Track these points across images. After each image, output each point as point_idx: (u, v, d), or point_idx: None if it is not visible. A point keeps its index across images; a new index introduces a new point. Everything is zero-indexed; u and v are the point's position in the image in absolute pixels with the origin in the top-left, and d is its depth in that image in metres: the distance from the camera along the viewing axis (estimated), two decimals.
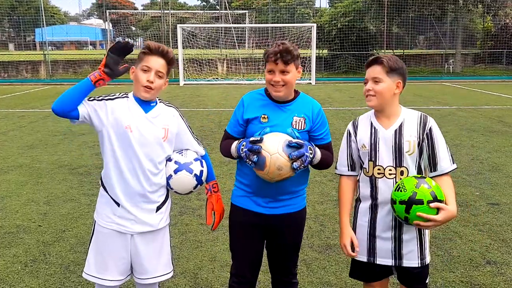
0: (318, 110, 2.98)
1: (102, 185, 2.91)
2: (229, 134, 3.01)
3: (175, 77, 26.09)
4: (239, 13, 41.29)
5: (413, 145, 2.71)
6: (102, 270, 2.88)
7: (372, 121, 2.83)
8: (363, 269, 2.92)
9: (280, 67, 2.80)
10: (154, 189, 2.89)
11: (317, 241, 5.00)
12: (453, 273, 4.28)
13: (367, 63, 2.81)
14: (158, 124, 2.88)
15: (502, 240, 4.99)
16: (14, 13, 39.19)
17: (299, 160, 2.65)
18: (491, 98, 17.52)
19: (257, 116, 2.89)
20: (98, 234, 2.91)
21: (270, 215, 2.95)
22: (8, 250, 4.84)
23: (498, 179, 7.08)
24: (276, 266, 3.14)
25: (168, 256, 3.07)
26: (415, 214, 2.52)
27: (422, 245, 2.79)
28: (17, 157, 8.72)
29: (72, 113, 2.75)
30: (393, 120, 2.78)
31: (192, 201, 6.20)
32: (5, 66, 28.74)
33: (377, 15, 29.63)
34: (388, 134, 2.75)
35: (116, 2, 65.69)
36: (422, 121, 2.76)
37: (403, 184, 2.58)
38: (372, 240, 2.81)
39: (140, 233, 2.89)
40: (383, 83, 2.73)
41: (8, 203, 6.24)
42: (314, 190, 6.65)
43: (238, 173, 3.06)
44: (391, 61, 2.74)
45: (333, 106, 15.48)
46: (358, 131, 2.87)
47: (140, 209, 2.86)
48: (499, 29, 30.66)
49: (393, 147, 2.72)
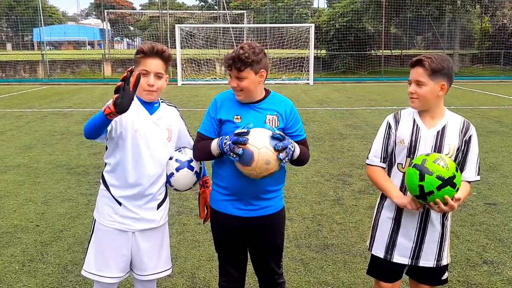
0: (290, 107, 2.97)
1: (104, 184, 2.92)
2: (203, 135, 2.95)
3: (173, 77, 26.08)
4: (237, 13, 41.27)
5: (453, 149, 2.72)
6: (103, 267, 2.90)
7: (415, 118, 2.80)
8: (380, 267, 2.93)
9: (234, 73, 2.80)
10: (157, 188, 2.93)
11: (315, 241, 5.01)
12: (450, 273, 4.29)
13: (411, 63, 2.75)
14: (162, 126, 2.92)
15: (499, 240, 5.00)
16: (12, 12, 39.14)
17: (284, 152, 2.65)
18: (488, 98, 17.56)
19: (231, 117, 2.89)
20: (98, 232, 2.93)
21: (249, 218, 2.95)
22: (6, 250, 4.84)
23: (495, 179, 7.09)
24: (260, 267, 3.14)
25: (167, 252, 3.12)
26: (443, 194, 2.47)
27: (441, 247, 2.82)
28: (15, 157, 8.71)
29: (101, 135, 2.74)
30: (436, 121, 2.76)
31: (189, 201, 6.20)
32: (3, 66, 28.68)
33: (375, 16, 29.64)
34: (430, 134, 2.74)
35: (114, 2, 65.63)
36: (465, 127, 2.76)
37: (446, 162, 2.50)
38: (393, 236, 2.82)
39: (142, 231, 2.92)
40: (426, 86, 2.68)
41: (5, 203, 6.24)
42: (311, 190, 6.66)
43: (214, 176, 3.04)
44: (434, 63, 2.66)
45: (331, 106, 15.50)
46: (399, 125, 2.83)
47: (142, 208, 2.89)
48: (497, 30, 30.69)
49: (433, 147, 2.72)
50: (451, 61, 2.74)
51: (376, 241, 2.91)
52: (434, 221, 2.79)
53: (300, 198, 6.32)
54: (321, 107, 15.25)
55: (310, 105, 15.79)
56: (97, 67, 29.28)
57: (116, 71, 29.41)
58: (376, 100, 16.98)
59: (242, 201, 2.93)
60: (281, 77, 26.02)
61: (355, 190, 6.68)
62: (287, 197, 6.36)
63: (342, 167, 7.88)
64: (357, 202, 6.19)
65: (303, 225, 5.42)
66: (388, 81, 25.39)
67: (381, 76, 26.88)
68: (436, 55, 2.71)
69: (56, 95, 19.66)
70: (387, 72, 27.84)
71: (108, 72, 28.76)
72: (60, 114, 14.03)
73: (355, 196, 6.45)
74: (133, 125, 2.81)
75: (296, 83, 24.53)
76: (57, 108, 15.36)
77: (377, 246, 2.90)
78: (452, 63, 2.74)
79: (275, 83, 24.27)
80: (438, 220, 2.80)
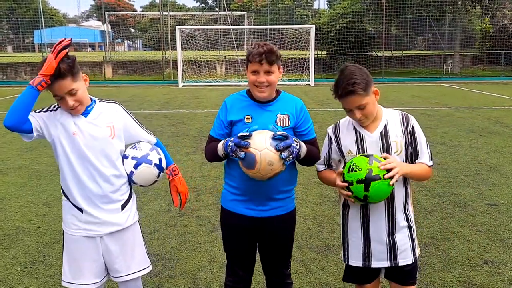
0: (300, 106, 2.99)
1: (63, 193, 2.90)
2: (214, 138, 2.98)
3: (174, 79, 26.14)
4: (238, 14, 41.34)
5: (400, 145, 2.72)
6: (77, 275, 2.89)
7: (356, 126, 2.80)
8: (357, 273, 2.91)
9: (265, 67, 2.81)
10: (115, 188, 2.88)
11: (316, 242, 5.02)
12: (451, 273, 4.30)
13: (339, 95, 2.67)
14: (101, 124, 2.85)
15: (499, 240, 5.01)
16: (12, 15, 39.19)
17: (287, 151, 2.65)
18: (489, 99, 17.55)
19: (241, 117, 2.90)
20: (68, 241, 2.91)
21: (260, 218, 2.96)
22: (8, 252, 4.85)
23: (496, 180, 7.10)
24: (269, 267, 3.16)
25: (142, 251, 3.08)
26: (374, 190, 2.52)
27: (412, 240, 2.81)
28: (16, 159, 8.73)
29: (24, 125, 2.70)
30: (376, 123, 2.76)
31: (190, 202, 6.21)
32: (4, 68, 28.75)
33: (376, 17, 29.69)
34: (374, 138, 2.73)
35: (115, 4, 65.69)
36: (404, 120, 2.76)
37: (355, 164, 2.57)
38: (367, 244, 2.79)
39: (109, 234, 2.90)
40: (368, 105, 2.66)
41: (7, 205, 6.25)
42: (312, 191, 6.66)
43: (226, 176, 3.07)
44: (361, 84, 2.60)
45: (332, 107, 15.50)
46: (341, 138, 2.84)
47: (104, 211, 2.86)
48: (497, 30, 30.71)
49: (381, 149, 2.71)
50: (364, 68, 2.71)
51: (351, 252, 2.86)
52: (399, 217, 2.76)
53: (301, 199, 6.33)
54: (322, 108, 15.26)
55: (311, 106, 15.80)
56: (98, 69, 29.32)
57: (117, 73, 29.48)
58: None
59: (254, 202, 2.94)
60: (282, 78, 26.01)
61: None
62: None
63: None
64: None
65: (304, 226, 5.43)
66: (388, 82, 25.39)
67: (382, 77, 26.88)
68: (352, 73, 2.63)
69: None
70: (387, 73, 27.86)
71: (109, 74, 28.79)
72: None
73: None
74: (70, 128, 2.76)
75: (296, 84, 24.54)
76: None
77: (353, 256, 2.86)
78: (365, 69, 2.71)
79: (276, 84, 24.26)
80: (401, 214, 2.77)
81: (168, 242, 5.03)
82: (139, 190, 6.60)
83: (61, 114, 2.80)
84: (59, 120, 2.78)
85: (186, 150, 9.15)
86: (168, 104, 16.98)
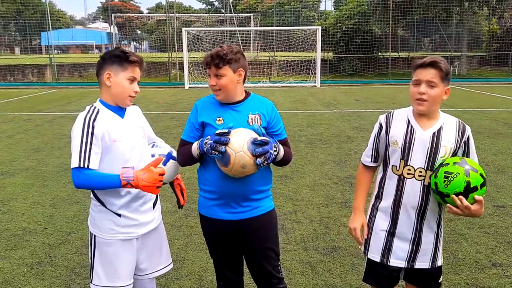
0: (271, 107, 2.99)
1: (97, 200, 2.86)
2: (185, 142, 2.97)
3: (180, 80, 26.17)
4: (244, 16, 41.36)
5: (449, 151, 2.66)
6: (114, 278, 2.89)
7: (410, 119, 2.74)
8: (377, 274, 2.87)
9: (213, 71, 2.84)
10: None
11: (322, 244, 5.00)
12: (459, 276, 4.27)
13: (420, 64, 2.65)
14: (135, 125, 2.92)
15: (507, 242, 4.97)
16: (20, 17, 39.40)
17: (262, 157, 2.65)
18: (497, 100, 17.46)
19: (213, 119, 2.90)
20: (101, 246, 2.88)
21: (239, 220, 2.94)
22: (14, 253, 4.87)
23: (504, 181, 7.05)
24: (256, 273, 3.10)
25: (167, 247, 3.18)
26: (472, 198, 2.49)
27: (437, 247, 2.78)
28: (23, 160, 8.76)
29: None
30: (432, 122, 2.70)
31: (197, 204, 6.19)
32: (12, 70, 28.90)
33: (382, 18, 29.59)
34: (426, 136, 2.67)
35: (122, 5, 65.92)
36: (461, 129, 2.71)
37: (453, 176, 2.49)
38: (389, 239, 2.77)
39: (144, 234, 2.95)
40: (437, 88, 2.62)
41: (14, 206, 6.27)
42: (319, 193, 6.65)
43: (200, 181, 3.05)
44: (446, 65, 2.62)
45: (338, 109, 15.48)
46: (391, 126, 2.77)
47: (140, 212, 2.90)
48: (505, 31, 30.56)
49: (429, 149, 2.65)
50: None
51: (372, 245, 2.85)
52: (431, 222, 2.74)
53: (307, 201, 6.31)
54: (328, 110, 15.23)
55: (317, 107, 15.79)
56: None
57: None
58: (383, 103, 16.94)
59: (231, 204, 2.92)
60: (288, 80, 26.02)
61: None
62: (294, 199, 6.36)
63: (349, 169, 7.85)
64: (365, 205, 6.16)
65: (310, 228, 5.41)
66: (395, 84, 25.32)
67: (389, 78, 26.82)
68: (442, 58, 2.67)
69: (64, 98, 19.77)
70: (394, 75, 27.78)
71: None
72: (68, 117, 14.09)
73: None
74: (112, 135, 2.75)
75: (303, 85, 24.50)
76: (65, 112, 15.44)
77: (372, 249, 2.84)
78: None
79: (282, 86, 24.29)
80: (434, 220, 2.75)
81: (174, 243, 5.03)
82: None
83: (100, 128, 2.72)
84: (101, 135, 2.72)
85: None
86: (174, 106, 17.01)
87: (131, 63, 2.79)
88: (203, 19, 42.58)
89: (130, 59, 2.78)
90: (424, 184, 2.66)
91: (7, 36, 42.60)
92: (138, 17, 54.61)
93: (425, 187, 2.67)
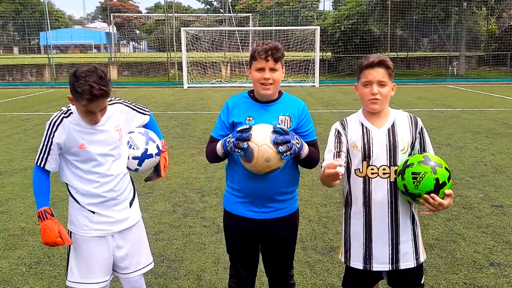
0: (302, 107, 2.99)
1: (72, 197, 2.90)
2: (214, 139, 2.98)
3: (179, 80, 26.16)
4: (243, 16, 41.39)
5: (407, 144, 2.71)
6: (87, 274, 2.90)
7: (362, 121, 2.79)
8: (356, 276, 2.86)
9: (270, 64, 2.82)
10: (123, 189, 2.94)
11: (321, 243, 5.01)
12: (457, 275, 4.28)
13: (368, 64, 2.67)
14: (110, 128, 2.85)
15: (505, 242, 4.98)
16: (18, 16, 39.33)
17: (284, 145, 2.63)
18: (495, 100, 17.48)
19: (243, 118, 2.89)
20: (76, 242, 2.90)
21: (263, 220, 2.95)
22: (13, 252, 4.87)
23: (502, 181, 7.06)
24: (272, 269, 3.15)
25: (147, 247, 3.15)
26: (443, 194, 2.52)
27: (416, 244, 2.77)
28: (22, 160, 8.76)
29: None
30: (384, 120, 2.76)
31: (195, 203, 6.22)
32: (10, 70, 28.88)
33: (381, 18, 29.63)
34: (381, 134, 2.72)
35: (120, 5, 65.88)
36: (413, 121, 2.78)
37: (421, 175, 2.51)
38: (368, 246, 2.75)
39: (120, 231, 2.94)
40: (388, 86, 2.70)
41: (13, 206, 6.27)
42: (317, 193, 6.65)
43: (228, 178, 3.07)
44: (390, 62, 2.71)
45: (336, 108, 15.49)
46: (348, 131, 2.80)
47: (115, 210, 2.90)
48: (503, 31, 30.62)
49: (387, 146, 2.69)
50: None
51: (352, 253, 2.81)
52: (405, 219, 2.73)
53: (305, 200, 6.32)
54: (327, 110, 15.25)
55: (315, 107, 15.79)
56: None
57: (122, 75, 29.56)
58: None
59: (256, 203, 2.93)
60: (287, 80, 26.04)
61: None
62: None
63: None
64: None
65: (309, 228, 5.42)
66: (394, 83, 25.27)
67: None
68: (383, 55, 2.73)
69: (63, 98, 19.73)
70: None
71: (114, 76, 28.87)
72: None
73: None
74: (77, 141, 2.74)
75: (301, 85, 24.51)
76: None
77: (354, 258, 2.80)
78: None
79: (281, 86, 24.24)
80: (408, 217, 2.74)
81: (172, 243, 5.03)
82: (143, 191, 6.61)
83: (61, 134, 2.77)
84: (63, 142, 2.77)
85: (191, 152, 9.15)
86: (173, 106, 17.01)
87: (87, 100, 2.59)
88: (202, 19, 42.62)
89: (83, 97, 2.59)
90: (391, 181, 2.67)
91: (6, 36, 42.54)
92: (137, 17, 54.63)
93: (392, 184, 2.67)
